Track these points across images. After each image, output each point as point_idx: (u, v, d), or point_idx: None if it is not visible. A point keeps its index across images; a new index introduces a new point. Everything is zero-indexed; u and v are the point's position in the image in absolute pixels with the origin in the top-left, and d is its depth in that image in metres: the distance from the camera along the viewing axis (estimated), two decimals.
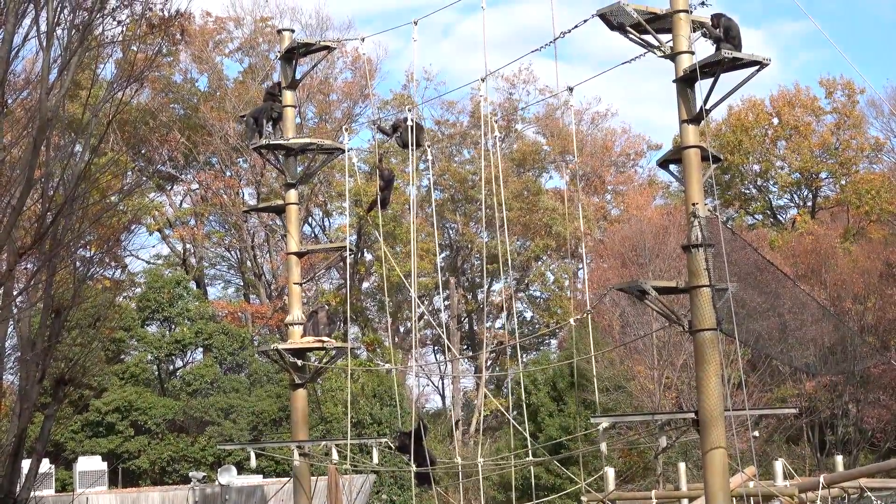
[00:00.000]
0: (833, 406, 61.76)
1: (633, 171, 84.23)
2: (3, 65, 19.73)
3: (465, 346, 78.37)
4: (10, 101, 22.12)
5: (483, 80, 27.06)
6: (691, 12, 20.40)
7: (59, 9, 21.42)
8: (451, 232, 76.55)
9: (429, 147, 30.26)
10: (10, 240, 19.64)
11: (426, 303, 67.98)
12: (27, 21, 21.37)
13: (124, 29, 24.38)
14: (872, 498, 27.65)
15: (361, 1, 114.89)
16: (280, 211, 32.16)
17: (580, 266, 73.45)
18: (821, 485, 27.67)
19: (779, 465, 29.45)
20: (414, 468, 28.17)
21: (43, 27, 21.42)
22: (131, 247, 67.22)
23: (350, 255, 34.57)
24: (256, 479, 42.83)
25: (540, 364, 62.62)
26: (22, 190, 20.27)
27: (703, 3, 20.38)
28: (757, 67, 20.17)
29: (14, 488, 29.04)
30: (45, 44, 21.58)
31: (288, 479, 35.07)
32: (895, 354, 54.76)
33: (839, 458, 36.40)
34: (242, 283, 77.78)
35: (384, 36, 71.92)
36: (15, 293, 26.60)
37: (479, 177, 67.74)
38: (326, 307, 33.80)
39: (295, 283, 31.44)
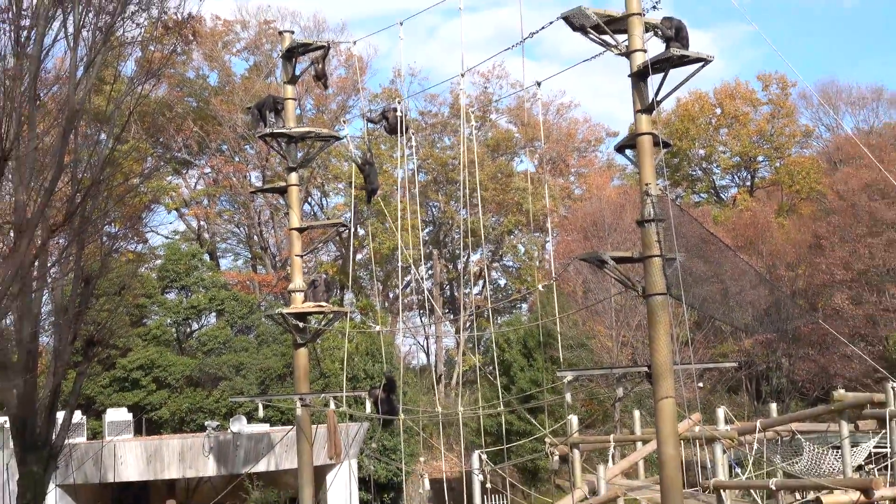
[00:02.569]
0: (768, 360, 62.09)
1: (594, 155, 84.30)
2: (36, 62, 19.60)
3: (447, 310, 78.50)
4: (42, 95, 21.99)
5: (462, 75, 27.08)
6: (644, 15, 20.38)
7: (84, 13, 21.30)
8: (433, 210, 76.46)
9: (413, 135, 30.26)
10: (43, 218, 19.56)
11: (412, 272, 67.90)
12: (56, 24, 21.25)
13: (143, 31, 24.25)
14: (802, 439, 27.84)
15: (354, 5, 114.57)
16: (283, 191, 32.11)
17: (547, 239, 73.57)
18: (757, 428, 27.87)
19: (721, 412, 29.58)
20: (402, 416, 28.38)
21: (70, 29, 21.31)
22: (151, 224, 67.22)
23: (344, 230, 34.55)
24: (264, 428, 42.86)
25: (512, 325, 62.75)
26: (53, 173, 20.20)
27: (654, 7, 20.37)
28: (702, 63, 20.21)
29: (51, 436, 29.04)
30: (72, 44, 21.48)
31: (292, 427, 35.10)
32: (822, 315, 55.05)
33: (773, 406, 36.67)
34: (250, 256, 77.70)
35: (374, 37, 71.91)
36: (49, 265, 26.53)
37: (458, 161, 67.72)
38: (324, 276, 33.76)
39: (297, 255, 31.43)
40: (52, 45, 21.66)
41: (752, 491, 26.87)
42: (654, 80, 20.25)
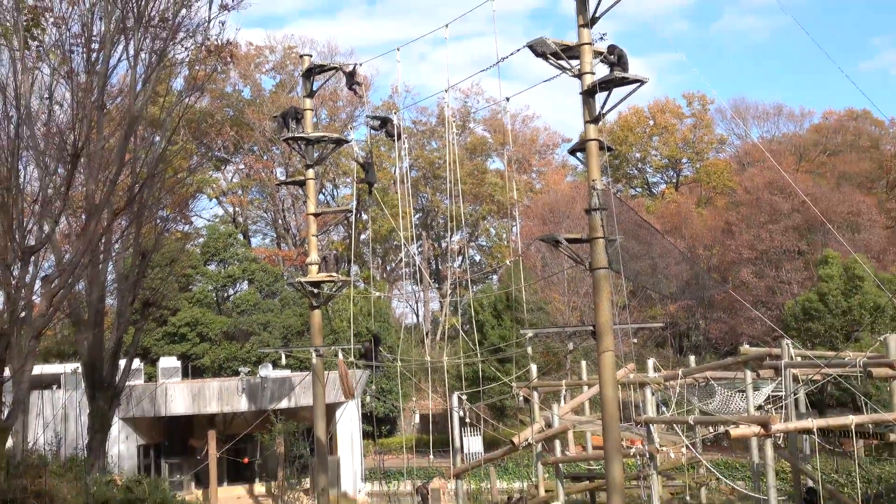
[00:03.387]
0: (688, 322, 62.39)
1: (552, 157, 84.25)
2: (103, 79, 19.43)
3: (433, 280, 78.46)
4: (108, 105, 21.81)
5: (446, 91, 27.01)
6: (593, 44, 20.34)
7: (142, 38, 21.11)
8: (423, 200, 76.36)
9: (407, 139, 30.23)
10: (108, 204, 19.42)
11: (405, 249, 67.85)
12: (120, 48, 21.05)
13: (190, 53, 24.07)
14: (714, 385, 27.99)
15: (360, 34, 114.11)
16: (302, 184, 32.05)
17: (514, 224, 73.59)
18: (679, 376, 27.98)
19: (650, 363, 29.68)
20: (401, 365, 28.42)
21: (131, 52, 21.15)
22: (196, 209, 67.04)
23: (350, 215, 34.50)
24: (286, 373, 42.87)
25: (485, 292, 62.82)
26: (117, 168, 20.06)
27: (601, 38, 20.33)
28: (639, 84, 20.19)
29: (115, 379, 29.00)
30: (132, 64, 21.31)
31: (308, 372, 35.13)
32: (732, 285, 55.27)
33: (692, 358, 36.87)
34: (275, 235, 77.52)
35: (376, 60, 71.89)
36: (113, 242, 26.43)
37: (443, 161, 67.57)
38: (334, 252, 33.74)
39: (313, 235, 31.39)
40: (117, 65, 21.49)
41: (674, 425, 27.04)
42: (600, 97, 20.27)
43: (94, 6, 19.38)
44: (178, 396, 39.72)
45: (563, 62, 20.40)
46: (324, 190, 74.84)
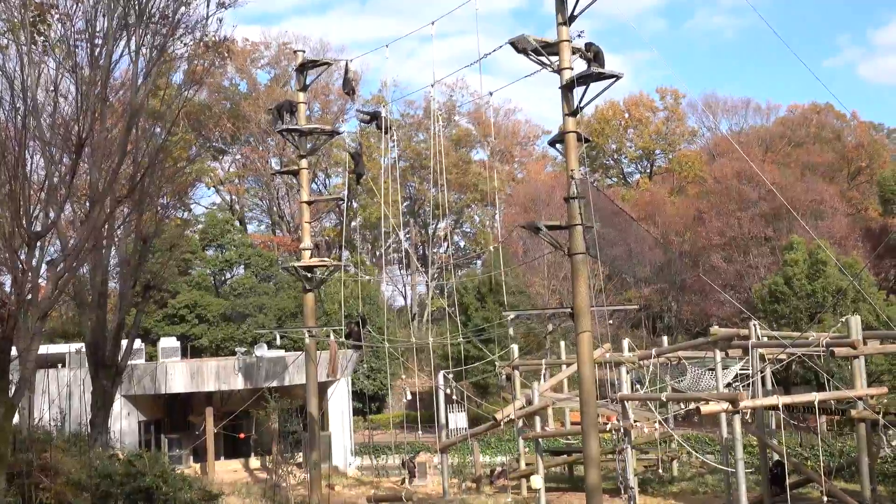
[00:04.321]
0: (661, 304, 62.61)
1: (532, 148, 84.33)
2: (106, 73, 19.27)
3: (420, 264, 78.51)
4: (110, 98, 21.67)
5: (433, 86, 27.01)
6: (571, 41, 20.36)
7: (143, 34, 20.97)
8: (410, 189, 76.29)
9: (395, 131, 30.24)
10: (111, 191, 19.34)
11: (394, 236, 67.83)
12: (122, 43, 20.89)
13: (189, 49, 23.94)
14: (686, 364, 28.18)
15: (352, 30, 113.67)
16: (296, 173, 32.00)
17: (496, 211, 73.66)
18: (653, 355, 28.15)
19: (625, 343, 29.86)
20: (389, 345, 28.39)
21: (133, 47, 20.99)
22: (195, 197, 66.77)
23: (342, 203, 34.52)
24: (280, 353, 42.83)
25: (469, 276, 62.87)
26: (119, 158, 19.94)
27: (579, 36, 20.38)
28: (614, 79, 20.24)
29: (117, 358, 28.91)
30: (134, 58, 21.19)
31: (301, 352, 35.10)
32: (702, 270, 55.51)
33: (665, 338, 37.05)
34: (270, 222, 77.30)
35: (366, 56, 71.96)
36: (115, 228, 26.35)
37: (429, 152, 67.45)
38: (326, 239, 33.78)
39: (306, 222, 31.39)
40: (119, 59, 21.28)
41: (648, 402, 27.22)
42: (578, 91, 20.29)
43: (97, 3, 19.22)
44: (178, 375, 39.64)
45: (543, 58, 20.41)
46: (316, 179, 74.63)
